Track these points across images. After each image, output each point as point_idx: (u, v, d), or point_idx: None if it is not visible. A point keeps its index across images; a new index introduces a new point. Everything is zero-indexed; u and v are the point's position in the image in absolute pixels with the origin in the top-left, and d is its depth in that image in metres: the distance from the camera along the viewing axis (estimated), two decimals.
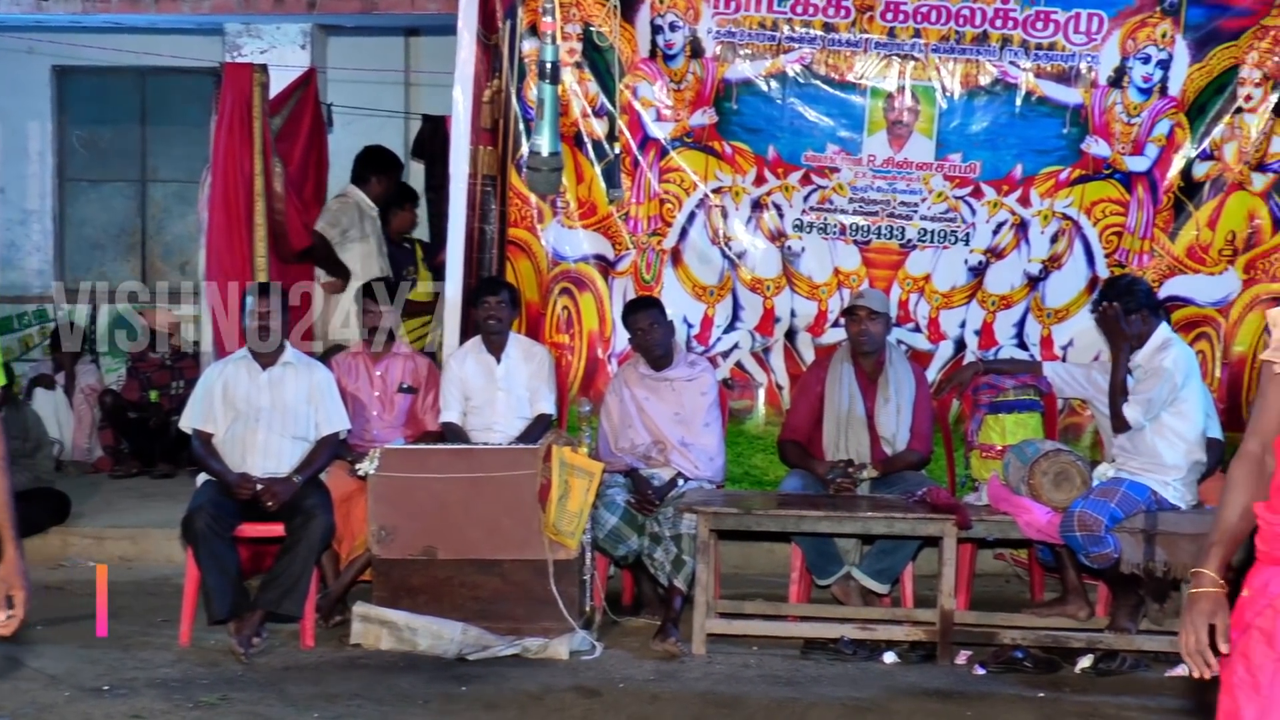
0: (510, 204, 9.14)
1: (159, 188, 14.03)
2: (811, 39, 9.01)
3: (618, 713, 6.83)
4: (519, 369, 8.67)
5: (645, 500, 8.11)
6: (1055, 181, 9.02)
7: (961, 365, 9.02)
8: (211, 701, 6.91)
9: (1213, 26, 8.88)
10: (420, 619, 7.74)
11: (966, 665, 7.64)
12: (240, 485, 7.88)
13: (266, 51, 10.72)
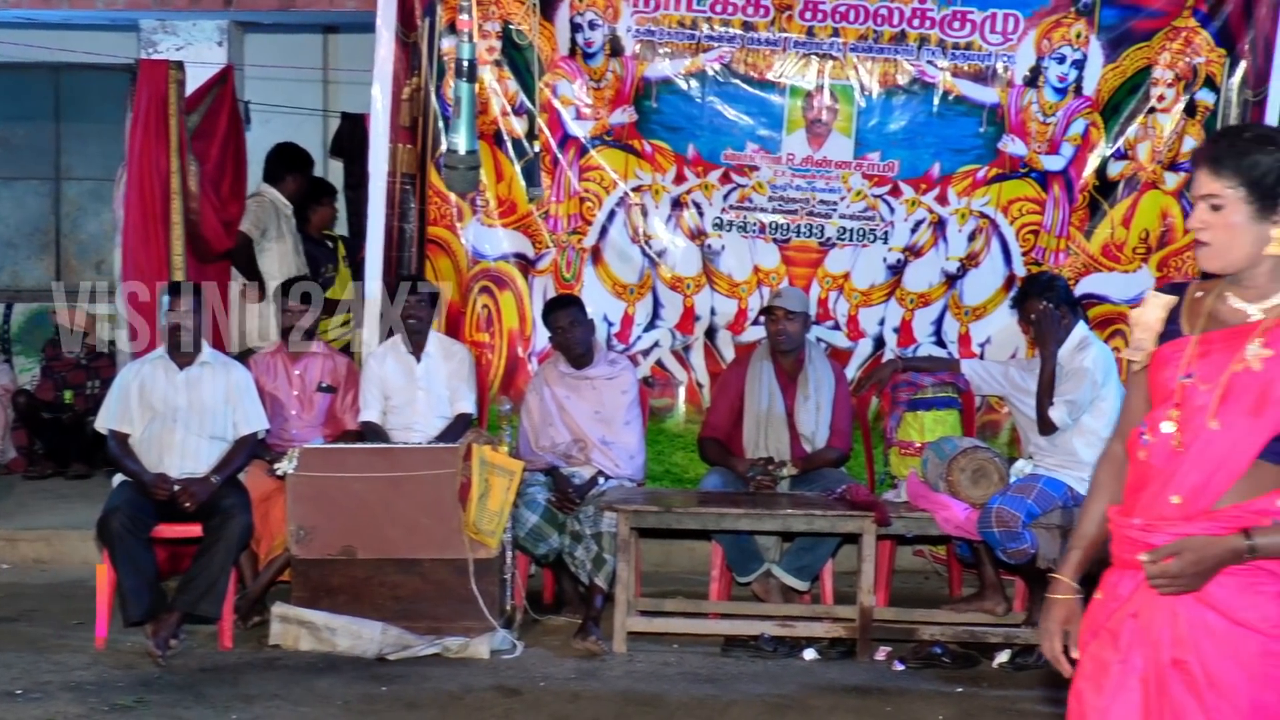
0: (429, 202, 9.11)
1: (73, 185, 13.92)
2: (730, 38, 9.02)
3: (539, 712, 6.82)
4: (439, 368, 8.64)
5: (566, 499, 8.10)
6: (972, 180, 9.08)
7: (880, 363, 9.07)
8: (128, 704, 6.85)
9: (1126, 27, 8.96)
10: (340, 619, 7.71)
11: (886, 661, 7.67)
12: (157, 486, 7.81)
13: (182, 48, 10.63)
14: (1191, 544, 3.31)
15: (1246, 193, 3.34)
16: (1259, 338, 3.34)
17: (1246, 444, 3.32)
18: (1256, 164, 3.33)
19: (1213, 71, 8.97)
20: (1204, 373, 3.39)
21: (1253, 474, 3.33)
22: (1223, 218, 3.36)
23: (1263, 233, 3.35)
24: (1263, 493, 3.33)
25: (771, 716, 6.80)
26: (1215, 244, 3.38)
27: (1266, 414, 3.30)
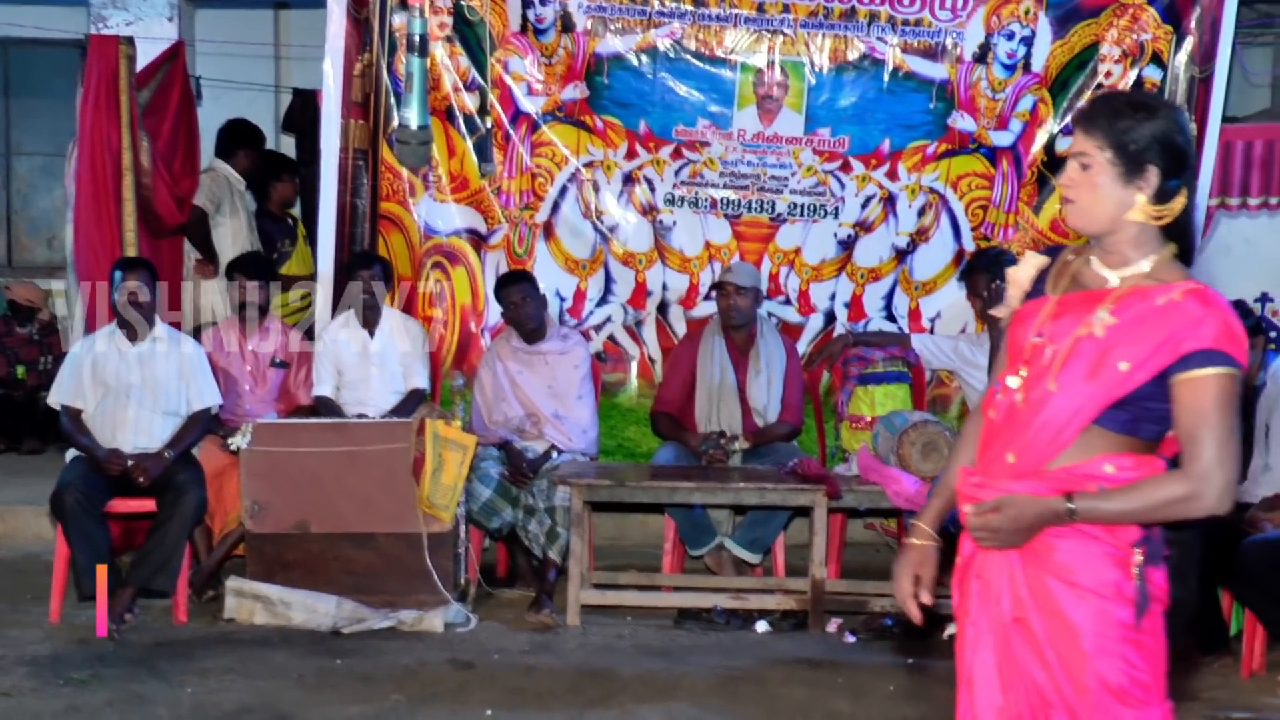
0: (382, 178, 9.07)
1: (23, 161, 13.85)
2: (681, 14, 9.02)
3: (492, 685, 6.82)
4: (392, 343, 8.62)
5: (519, 473, 8.11)
6: (922, 156, 9.12)
7: (831, 338, 9.12)
8: (82, 679, 6.82)
9: (1074, 4, 9.01)
10: (294, 593, 7.70)
11: (837, 633, 7.71)
12: (110, 461, 7.78)
13: (133, 24, 10.56)
14: (1013, 501, 3.34)
15: (1113, 154, 3.34)
16: (1109, 304, 3.34)
17: (1080, 408, 3.32)
18: (1127, 128, 3.33)
19: (1160, 48, 9.01)
20: (1053, 334, 3.40)
21: (1085, 438, 3.33)
22: (1089, 177, 3.37)
23: (1127, 197, 3.35)
24: (1093, 457, 3.33)
25: (724, 689, 6.81)
26: (1080, 202, 3.39)
27: (1101, 380, 3.29)
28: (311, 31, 10.10)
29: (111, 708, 6.44)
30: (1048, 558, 3.35)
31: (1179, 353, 3.23)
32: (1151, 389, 3.27)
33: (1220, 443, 3.22)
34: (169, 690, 6.67)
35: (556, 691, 6.73)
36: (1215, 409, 3.22)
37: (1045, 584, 3.36)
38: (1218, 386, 3.22)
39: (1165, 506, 3.24)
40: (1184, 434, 3.25)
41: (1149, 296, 3.30)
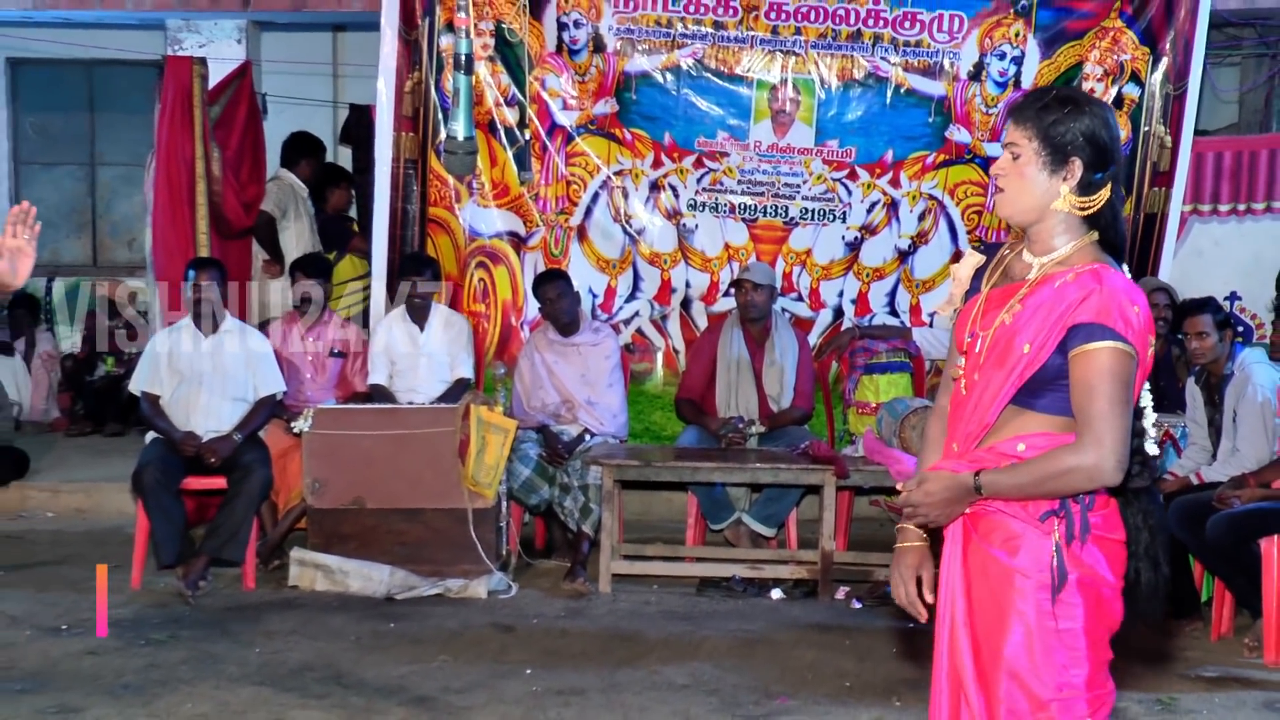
0: (430, 185, 9.07)
1: (107, 170, 13.87)
2: (703, 35, 8.99)
3: (531, 646, 6.81)
4: (440, 336, 8.61)
5: (555, 454, 8.09)
6: (922, 165, 9.09)
7: (839, 331, 9.12)
8: (161, 639, 6.84)
9: (1060, 27, 8.98)
10: (351, 563, 7.70)
11: (845, 600, 7.68)
12: (185, 442, 7.81)
13: (205, 45, 10.56)
14: (932, 477, 3.29)
15: (1039, 145, 3.24)
16: (1021, 292, 3.27)
17: (994, 392, 3.24)
18: (1054, 121, 3.24)
19: (1138, 68, 8.99)
20: (983, 326, 3.33)
21: (1008, 420, 3.26)
22: (1018, 166, 3.27)
23: (1052, 187, 3.25)
24: (1011, 436, 3.26)
25: (742, 650, 6.79)
26: (1009, 190, 3.30)
27: (1008, 363, 3.21)
28: (366, 52, 10.08)
29: (187, 665, 6.44)
30: (986, 532, 3.28)
31: (1066, 327, 3.16)
32: (1059, 365, 3.18)
33: (1105, 415, 3.12)
34: (238, 650, 6.67)
35: (589, 652, 6.72)
36: (1100, 382, 3.13)
37: (982, 556, 3.29)
38: (1101, 359, 3.13)
39: (1057, 478, 3.14)
40: (1076, 408, 3.17)
41: (1050, 281, 3.23)
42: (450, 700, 6.00)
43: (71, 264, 13.78)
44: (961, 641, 3.32)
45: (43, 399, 11.95)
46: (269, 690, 6.11)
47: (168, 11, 10.60)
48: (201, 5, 10.54)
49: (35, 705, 5.86)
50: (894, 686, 6.24)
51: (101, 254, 13.87)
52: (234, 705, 5.91)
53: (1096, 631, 3.26)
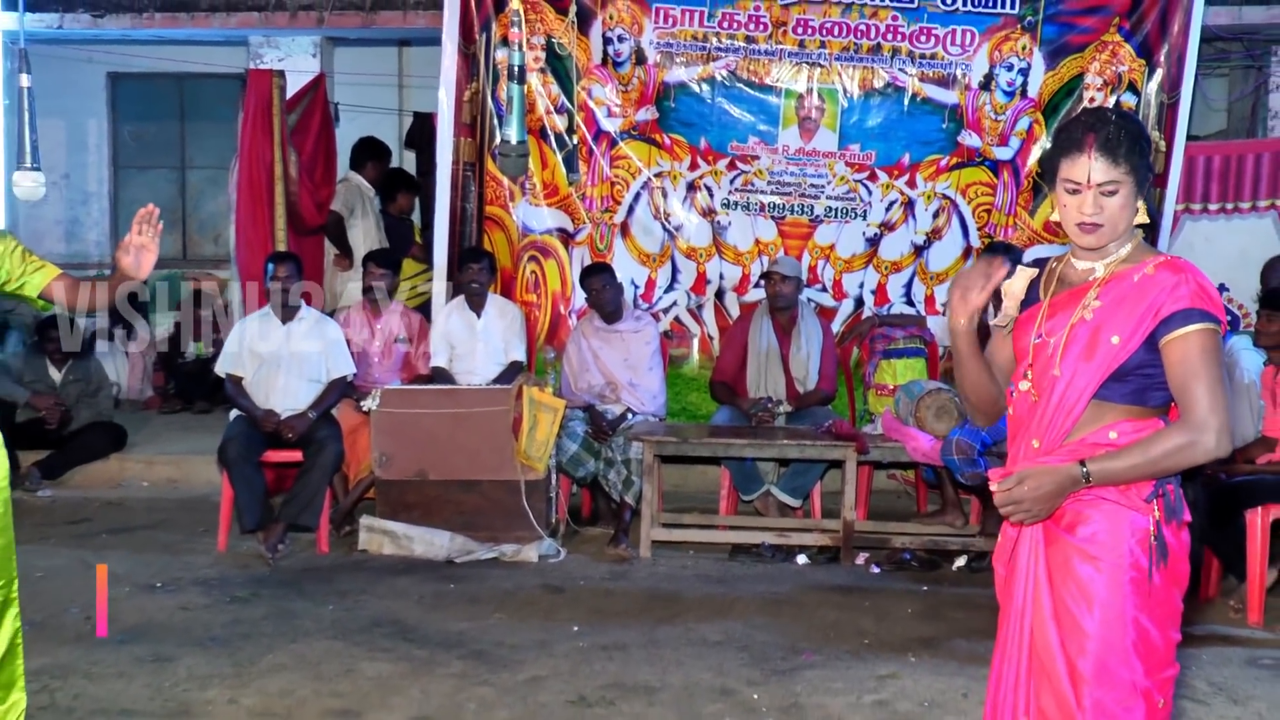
0: (487, 185, 9.06)
1: (195, 173, 13.92)
2: (735, 49, 8.95)
3: (578, 605, 6.79)
4: (495, 323, 8.59)
5: (600, 431, 8.06)
6: (936, 168, 9.04)
7: (860, 319, 9.07)
8: (244, 597, 6.87)
9: (1063, 41, 8.93)
10: (415, 529, 7.71)
11: (864, 565, 7.64)
12: (265, 420, 7.85)
13: (283, 60, 10.59)
14: (1031, 472, 3.10)
15: (1133, 181, 3.11)
16: (1095, 290, 3.17)
17: (1082, 385, 3.13)
18: (1140, 156, 3.12)
19: (1134, 78, 8.91)
20: (1051, 330, 3.20)
21: (1094, 412, 3.14)
22: (1117, 202, 3.11)
23: (1135, 209, 3.14)
24: (1100, 426, 3.15)
25: (770, 610, 6.75)
26: (1108, 225, 3.12)
27: (1096, 356, 3.11)
28: (429, 64, 10.07)
29: (267, 620, 6.45)
30: (1071, 527, 3.16)
31: (1160, 317, 3.06)
32: (1144, 357, 3.09)
33: (1209, 390, 3.02)
34: (313, 607, 6.68)
35: (631, 611, 6.69)
36: (1200, 361, 3.04)
37: (1065, 554, 3.16)
38: (1199, 341, 3.04)
39: (1169, 456, 3.03)
40: (1176, 389, 3.07)
41: (1127, 276, 3.13)
42: (504, 654, 5.99)
43: (164, 258, 13.68)
44: (1049, 631, 3.17)
45: (138, 380, 12.01)
46: (341, 643, 6.11)
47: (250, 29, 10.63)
48: (280, 23, 10.56)
49: (133, 654, 5.90)
50: (909, 644, 6.21)
51: (191, 249, 13.93)
52: (310, 657, 5.91)
53: (1174, 612, 3.19)
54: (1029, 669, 3.23)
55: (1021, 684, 3.25)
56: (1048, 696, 3.16)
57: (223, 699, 5.40)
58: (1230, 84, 11.63)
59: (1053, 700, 3.15)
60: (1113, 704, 3.09)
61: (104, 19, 10.63)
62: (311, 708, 5.32)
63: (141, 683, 5.58)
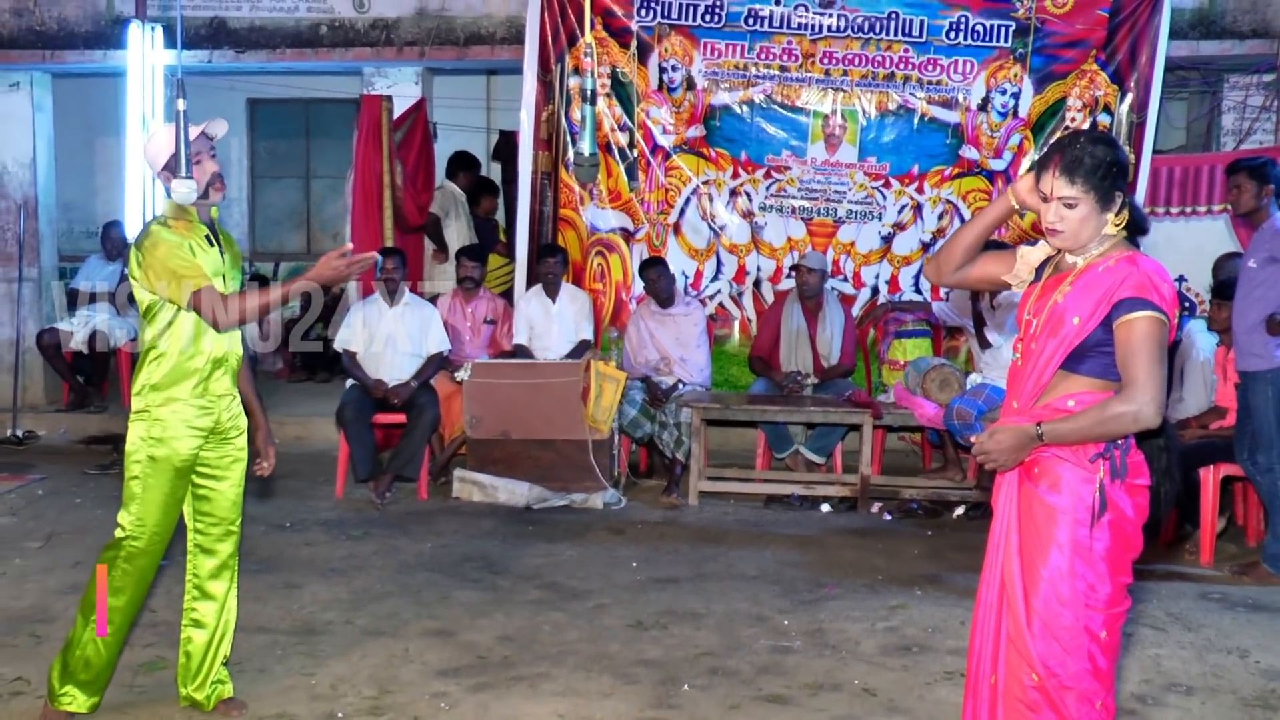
0: (560, 191, 9.03)
1: (318, 182, 13.96)
2: (771, 77, 8.88)
3: (637, 544, 6.79)
4: (568, 307, 8.57)
5: (655, 398, 8.03)
6: (941, 177, 8.93)
7: (876, 305, 8.99)
8: (357, 535, 6.91)
9: (1048, 70, 8.84)
10: (500, 480, 7.72)
11: (878, 513, 7.59)
12: (375, 388, 7.86)
13: (391, 87, 10.54)
14: (998, 429, 3.16)
15: (1094, 198, 3.10)
16: (1070, 279, 3.17)
17: (1048, 358, 3.15)
18: (1102, 175, 3.09)
19: (1109, 101, 8.80)
20: (1036, 310, 3.23)
21: (1059, 382, 3.16)
22: (1074, 215, 3.11)
23: (1102, 221, 3.13)
24: (1062, 395, 3.15)
25: (798, 549, 6.73)
26: (1068, 232, 3.12)
27: (1060, 334, 3.11)
28: (512, 90, 10.04)
29: (377, 555, 6.49)
30: (1037, 476, 3.18)
31: (1112, 302, 3.06)
32: (1101, 336, 3.08)
33: (1146, 369, 3.02)
34: (414, 544, 6.71)
35: (681, 550, 6.68)
36: (1140, 343, 3.03)
37: (1031, 496, 3.19)
38: (1142, 326, 3.04)
39: (1109, 422, 3.04)
40: (1121, 365, 3.07)
41: (1094, 267, 3.13)
42: (574, 585, 5.99)
43: (292, 252, 13.90)
44: (1013, 564, 3.21)
45: (271, 353, 12.06)
46: (437, 575, 6.13)
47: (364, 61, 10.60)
48: (389, 56, 10.53)
49: (267, 582, 5.96)
50: (915, 580, 6.19)
51: (314, 244, 13.98)
52: (412, 586, 5.93)
53: (1120, 559, 3.17)
54: (999, 596, 3.27)
55: (993, 607, 3.30)
56: (1010, 621, 3.21)
57: (340, 620, 5.43)
58: (1189, 106, 11.47)
59: (1013, 625, 3.20)
60: (1057, 630, 3.13)
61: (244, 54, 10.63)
62: (413, 628, 5.34)
63: (274, 605, 5.62)
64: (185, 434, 4.20)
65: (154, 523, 4.18)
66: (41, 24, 10.75)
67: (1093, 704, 3.14)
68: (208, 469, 4.32)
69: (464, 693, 4.60)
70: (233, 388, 4.34)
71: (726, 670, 4.87)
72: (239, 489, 4.41)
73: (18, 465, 8.71)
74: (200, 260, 4.12)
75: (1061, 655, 3.13)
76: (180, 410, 4.19)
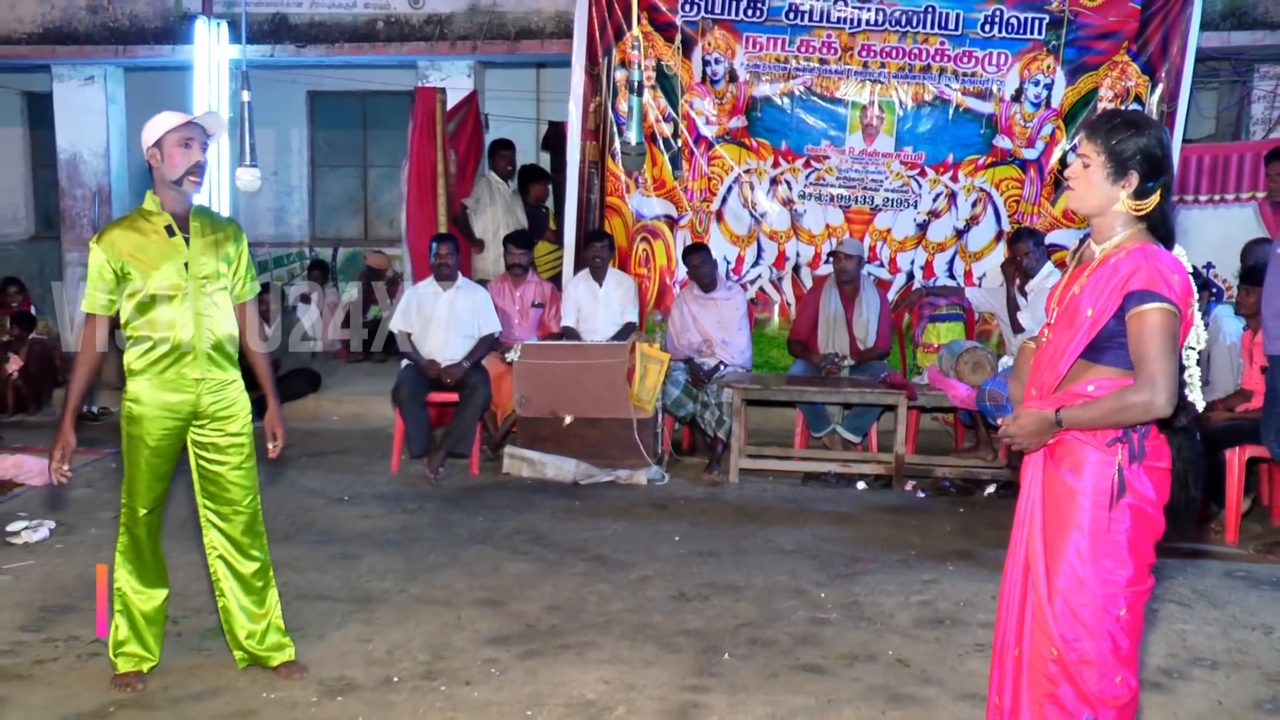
0: (607, 180, 9.02)
1: (375, 171, 14.03)
2: (810, 69, 8.84)
3: (680, 519, 6.79)
4: (614, 291, 8.57)
5: (698, 379, 8.01)
6: (975, 166, 8.87)
7: (911, 290, 8.95)
8: (412, 509, 6.94)
9: (1081, 61, 8.77)
10: (549, 457, 7.73)
11: (912, 491, 7.56)
12: (429, 368, 7.89)
13: (444, 80, 10.60)
14: (1022, 413, 3.17)
15: (1106, 159, 3.10)
16: (1087, 271, 3.14)
17: (1066, 348, 3.13)
18: (1119, 140, 3.09)
19: (1140, 91, 8.70)
20: (1060, 300, 3.21)
21: (1078, 370, 3.13)
22: (1088, 174, 3.12)
23: (1113, 192, 3.10)
24: (1081, 381, 3.13)
25: (834, 525, 6.71)
26: (1078, 190, 3.15)
27: (1076, 325, 3.09)
28: (560, 82, 10.05)
29: (431, 528, 6.52)
30: (1060, 458, 3.17)
31: (1124, 294, 3.03)
32: (1115, 327, 3.05)
33: (1156, 360, 2.98)
34: (467, 518, 6.73)
35: (722, 525, 6.68)
36: (1151, 335, 2.99)
37: (1054, 477, 3.17)
38: (1152, 318, 2.99)
39: (1123, 410, 3.02)
40: (1134, 356, 3.04)
41: (1108, 259, 3.09)
42: (619, 557, 6.00)
43: (350, 238, 13.99)
44: (1037, 542, 3.20)
45: (329, 334, 12.12)
46: (488, 547, 6.15)
47: (418, 55, 10.66)
48: (442, 50, 10.57)
49: (327, 552, 6.01)
50: (948, 555, 6.15)
51: (371, 231, 14.06)
52: (464, 557, 5.96)
53: (1140, 541, 3.14)
54: (1024, 572, 3.26)
55: (1017, 583, 3.29)
56: (1033, 597, 3.20)
57: (396, 589, 5.47)
58: (1219, 96, 11.35)
59: (1036, 601, 3.19)
60: (1078, 609, 3.12)
61: (305, 48, 10.70)
62: (465, 598, 5.36)
63: (333, 575, 5.66)
64: (157, 414, 4.25)
65: (141, 492, 4.29)
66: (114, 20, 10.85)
67: (1112, 679, 3.13)
68: (205, 449, 4.35)
69: (513, 659, 4.62)
70: (213, 371, 4.31)
71: (765, 640, 4.86)
72: (243, 471, 4.39)
73: (92, 440, 8.80)
74: (148, 254, 4.18)
75: (1082, 633, 3.12)
76: (151, 393, 4.25)
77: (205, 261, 4.27)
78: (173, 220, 4.24)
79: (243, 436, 4.39)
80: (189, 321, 4.24)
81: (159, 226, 4.23)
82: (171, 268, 4.20)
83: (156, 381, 4.25)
